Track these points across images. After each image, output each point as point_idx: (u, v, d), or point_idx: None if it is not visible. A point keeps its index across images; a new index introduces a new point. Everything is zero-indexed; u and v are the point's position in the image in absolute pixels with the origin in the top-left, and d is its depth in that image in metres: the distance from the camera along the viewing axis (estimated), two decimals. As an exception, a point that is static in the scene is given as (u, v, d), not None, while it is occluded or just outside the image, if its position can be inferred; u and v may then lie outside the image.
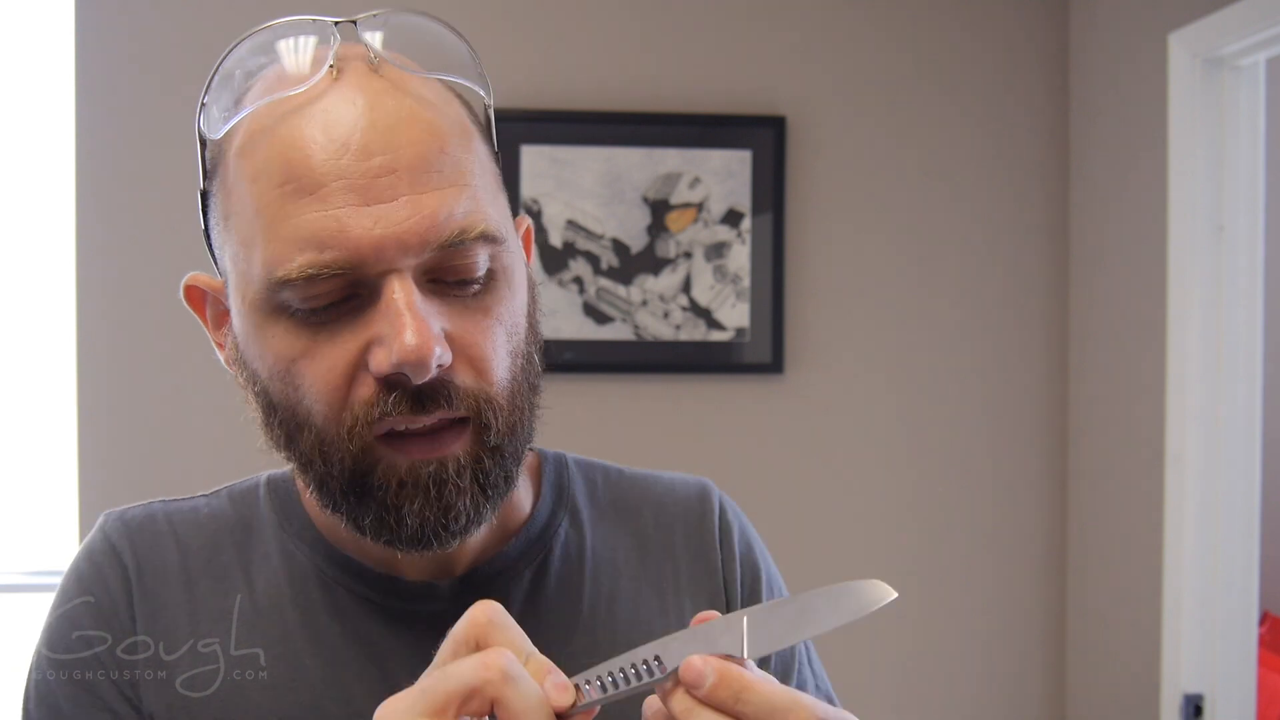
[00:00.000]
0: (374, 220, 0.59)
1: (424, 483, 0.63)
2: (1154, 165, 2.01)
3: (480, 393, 0.63)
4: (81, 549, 0.74)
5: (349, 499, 0.64)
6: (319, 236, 0.59)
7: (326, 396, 0.62)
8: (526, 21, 2.16)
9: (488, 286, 0.64)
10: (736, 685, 0.51)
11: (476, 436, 0.64)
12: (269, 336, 0.63)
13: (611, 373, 2.16)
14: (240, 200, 0.63)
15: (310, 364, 0.62)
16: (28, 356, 2.28)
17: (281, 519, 0.74)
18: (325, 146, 0.60)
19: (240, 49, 0.65)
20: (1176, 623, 1.93)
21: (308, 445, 0.64)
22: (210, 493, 0.77)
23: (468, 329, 0.63)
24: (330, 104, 0.62)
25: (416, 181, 0.60)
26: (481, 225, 0.62)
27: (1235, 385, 1.91)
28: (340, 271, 0.59)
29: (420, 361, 0.59)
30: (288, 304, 0.61)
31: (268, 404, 0.65)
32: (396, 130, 0.61)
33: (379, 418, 0.61)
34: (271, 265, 0.60)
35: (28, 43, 2.25)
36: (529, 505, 0.77)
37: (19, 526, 2.34)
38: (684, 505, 0.82)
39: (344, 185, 0.60)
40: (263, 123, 0.63)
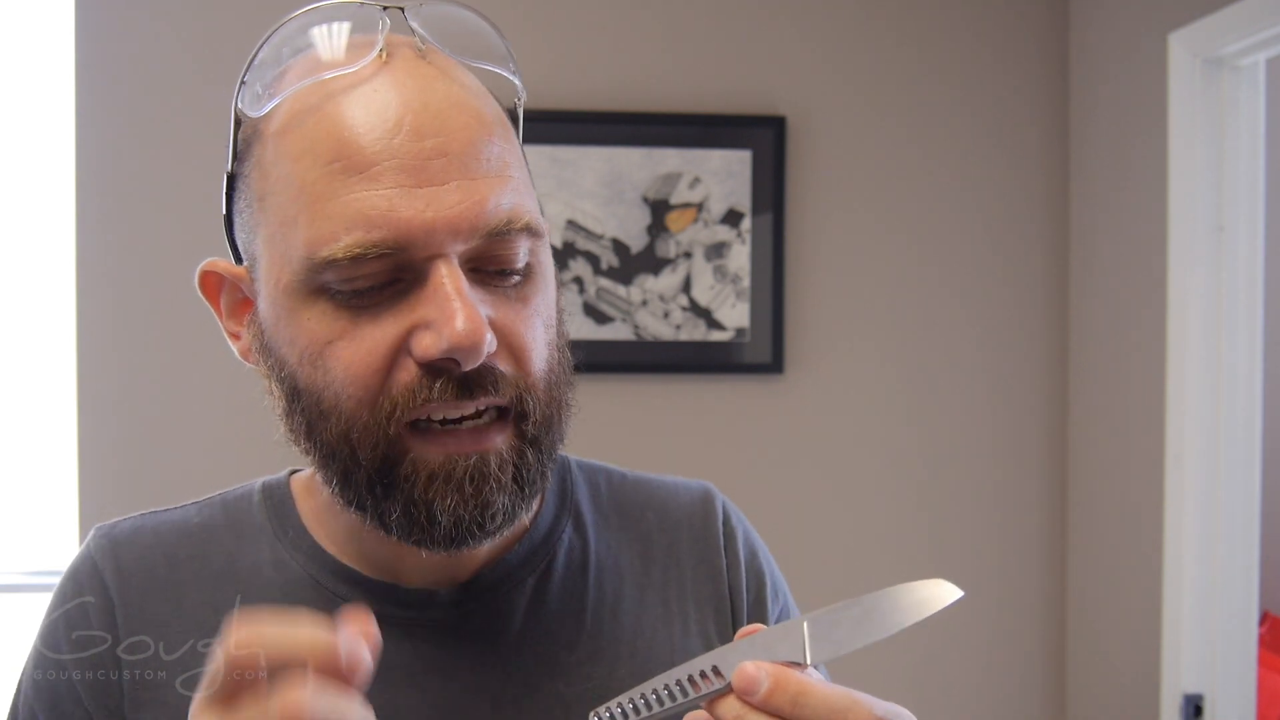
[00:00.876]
0: (425, 203, 0.58)
1: (459, 478, 0.61)
2: (1154, 165, 2.01)
3: (520, 381, 0.62)
4: (74, 559, 0.74)
5: (374, 492, 0.62)
6: (368, 215, 0.58)
7: (364, 380, 0.60)
8: (526, 22, 2.16)
9: (526, 279, 0.64)
10: (794, 689, 0.50)
11: (517, 428, 0.63)
12: (304, 319, 0.61)
13: (611, 373, 2.16)
14: (280, 179, 0.62)
15: (347, 347, 0.60)
16: (28, 356, 2.28)
17: (276, 527, 0.73)
18: (377, 126, 0.59)
19: (284, 29, 0.64)
20: (1176, 623, 1.93)
21: (333, 434, 0.62)
22: (203, 500, 0.76)
23: (509, 318, 0.62)
24: (380, 85, 0.61)
25: (467, 167, 0.60)
26: (526, 217, 0.62)
27: (1235, 385, 1.90)
28: (388, 252, 0.58)
29: (474, 347, 0.58)
30: (328, 285, 0.60)
31: (292, 391, 0.63)
32: (448, 115, 0.60)
33: (421, 404, 0.60)
34: (315, 245, 0.59)
35: (28, 43, 2.24)
36: (534, 509, 0.76)
37: (19, 526, 2.34)
38: (687, 510, 0.81)
39: (395, 165, 0.59)
40: (308, 102, 0.62)
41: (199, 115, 2.08)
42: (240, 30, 2.11)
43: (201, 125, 2.08)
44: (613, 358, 2.15)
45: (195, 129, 2.08)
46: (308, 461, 0.66)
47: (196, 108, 2.08)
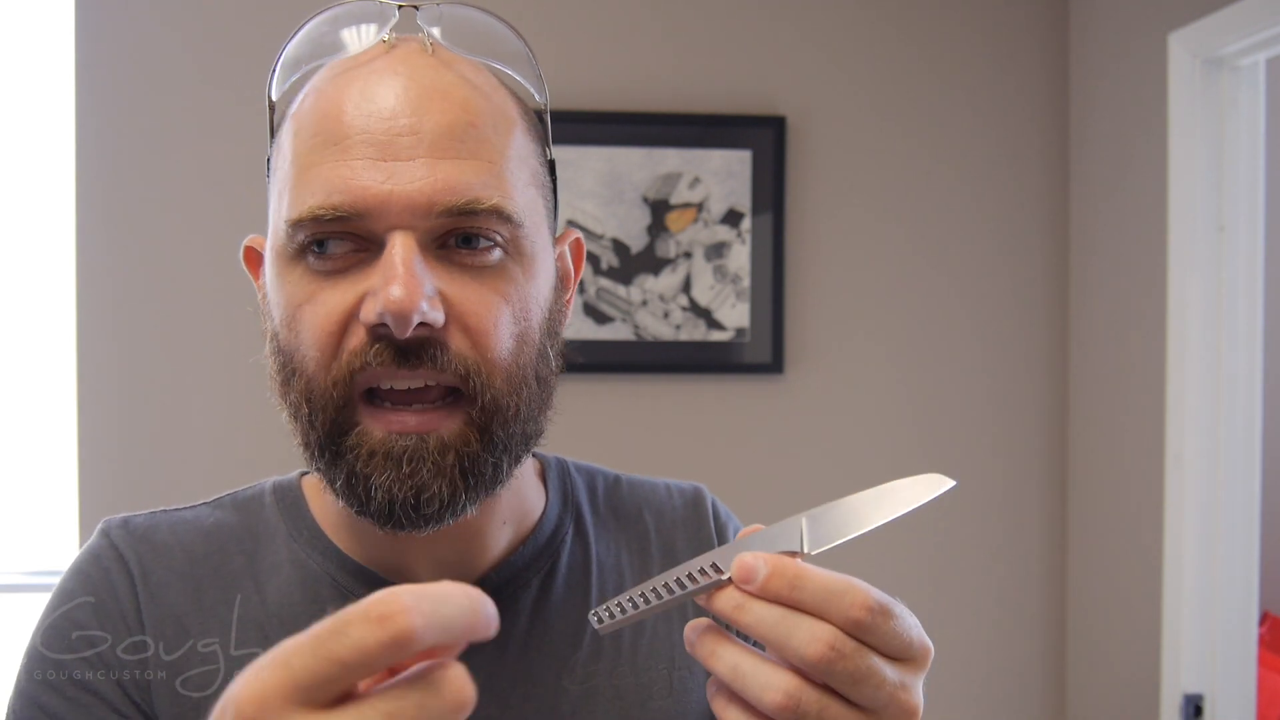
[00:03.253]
0: (386, 175, 0.61)
1: (397, 456, 0.62)
2: (1154, 165, 2.01)
3: (472, 360, 0.63)
4: (84, 552, 0.73)
5: (324, 457, 0.64)
6: (331, 182, 0.61)
7: (320, 341, 0.63)
8: (526, 22, 2.16)
9: (501, 265, 0.65)
10: (791, 574, 0.51)
11: (468, 415, 0.63)
12: (285, 282, 0.65)
13: (611, 373, 2.16)
14: (282, 155, 0.66)
15: (311, 309, 0.63)
16: (28, 357, 2.28)
17: (291, 527, 0.74)
18: (357, 104, 0.63)
19: (309, 25, 0.68)
20: (1176, 623, 1.93)
21: (298, 394, 0.64)
22: (213, 501, 0.77)
23: (469, 297, 0.63)
24: (375, 70, 0.65)
25: (437, 148, 0.62)
26: (494, 200, 0.63)
27: (1235, 385, 1.90)
28: (344, 216, 0.61)
29: (400, 312, 0.59)
30: (303, 251, 0.63)
31: (276, 350, 0.66)
32: (429, 99, 0.63)
33: (361, 368, 0.62)
34: (290, 209, 0.63)
35: (28, 43, 2.24)
36: (539, 510, 0.78)
37: (19, 526, 2.34)
38: (681, 510, 0.83)
39: (365, 139, 0.62)
40: (316, 85, 0.67)
41: (199, 115, 2.08)
42: (240, 30, 2.11)
43: (201, 125, 2.08)
44: (613, 358, 2.15)
45: (195, 128, 2.08)
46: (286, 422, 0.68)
47: (196, 107, 2.08)
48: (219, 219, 2.06)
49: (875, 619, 0.50)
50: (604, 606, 0.54)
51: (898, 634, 0.51)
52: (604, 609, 0.54)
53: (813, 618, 0.50)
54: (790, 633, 0.50)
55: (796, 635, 0.50)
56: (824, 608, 0.50)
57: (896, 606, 0.52)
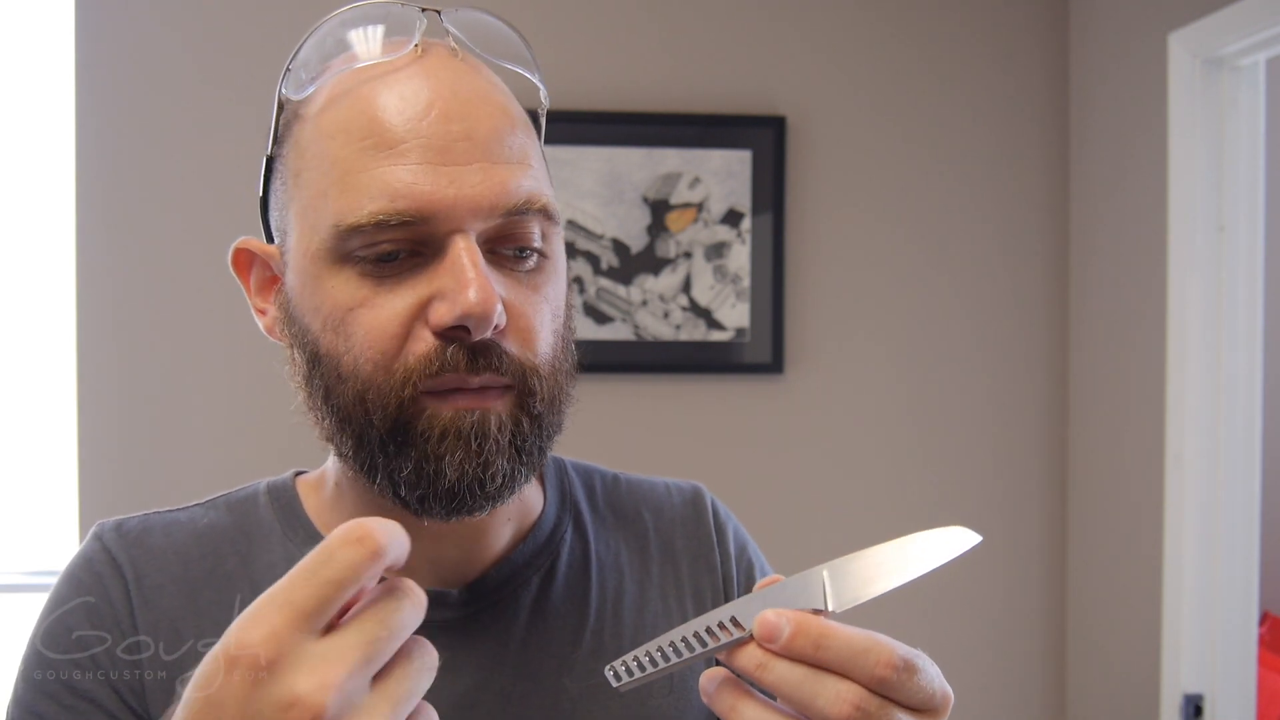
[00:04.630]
0: (449, 180, 0.62)
1: (466, 434, 0.63)
2: (1154, 165, 2.01)
3: (525, 362, 0.65)
4: (77, 557, 0.73)
5: (387, 450, 0.64)
6: (392, 186, 0.62)
7: (381, 345, 0.63)
8: (526, 23, 2.16)
9: (539, 265, 0.67)
10: (816, 633, 0.50)
11: (519, 401, 0.65)
12: (329, 286, 0.64)
13: (611, 373, 2.16)
14: (316, 156, 0.65)
15: (368, 313, 0.63)
16: (28, 356, 2.28)
17: (286, 527, 0.74)
18: (407, 109, 0.63)
19: (330, 23, 0.68)
20: (1176, 623, 1.93)
21: (349, 398, 0.64)
22: (205, 502, 0.77)
23: (519, 300, 0.65)
24: (414, 74, 0.65)
25: (490, 152, 0.63)
26: (543, 200, 0.65)
27: (1235, 385, 1.90)
28: (408, 220, 0.61)
29: (484, 315, 0.60)
30: (353, 254, 0.63)
31: (314, 357, 0.66)
32: (475, 104, 0.65)
33: (436, 372, 0.62)
34: (342, 213, 0.62)
35: (28, 43, 2.24)
36: (539, 508, 0.78)
37: (19, 526, 2.34)
38: (680, 510, 0.83)
39: (422, 144, 0.63)
40: (345, 87, 0.66)
41: (199, 115, 2.08)
42: (240, 30, 2.11)
43: (201, 125, 2.08)
44: (613, 358, 2.15)
45: (195, 129, 2.08)
46: (321, 429, 0.68)
47: (196, 107, 2.08)
48: (219, 219, 2.06)
49: (900, 676, 0.50)
50: (621, 662, 0.53)
51: (921, 688, 0.51)
52: (621, 665, 0.53)
53: (837, 676, 0.50)
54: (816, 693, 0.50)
55: (822, 695, 0.50)
56: (849, 667, 0.50)
57: (920, 660, 0.52)
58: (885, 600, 0.55)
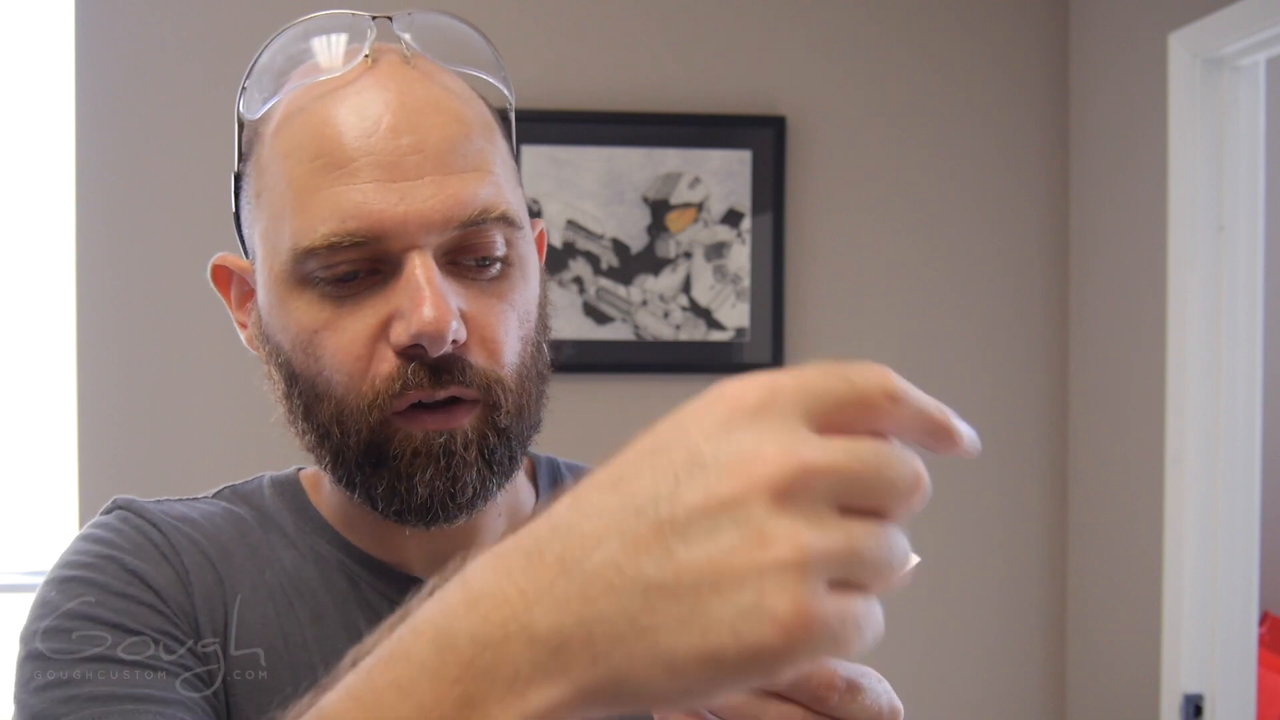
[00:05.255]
0: (399, 196, 0.62)
1: (435, 453, 0.64)
2: (1154, 165, 2.01)
3: (490, 373, 0.65)
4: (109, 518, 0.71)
5: (364, 469, 0.65)
6: (343, 208, 0.62)
7: (348, 368, 0.64)
8: (526, 22, 2.16)
9: (504, 272, 0.66)
10: None
11: (485, 414, 0.65)
12: (293, 308, 0.65)
13: (611, 373, 2.16)
14: (273, 176, 0.65)
15: (332, 336, 0.64)
16: (28, 356, 2.28)
17: (296, 518, 0.74)
18: (357, 125, 0.63)
19: (281, 38, 0.68)
20: (1176, 623, 1.93)
21: (326, 416, 0.65)
22: (213, 494, 0.77)
23: (482, 311, 0.65)
24: (363, 87, 0.65)
25: (442, 163, 0.63)
26: (502, 207, 0.65)
27: (1235, 385, 1.90)
28: (362, 241, 0.61)
29: (437, 334, 0.61)
30: (313, 275, 0.63)
31: (289, 375, 0.66)
32: (425, 114, 0.64)
33: (400, 391, 0.63)
34: (298, 236, 0.63)
35: (28, 43, 2.24)
36: (530, 506, 0.78)
37: (19, 526, 2.34)
38: None
39: (372, 161, 0.62)
40: (299, 104, 0.66)
41: (199, 115, 2.08)
42: (239, 31, 2.11)
43: (201, 125, 2.08)
44: (613, 358, 2.15)
45: (195, 129, 2.08)
46: (302, 442, 0.69)
47: (196, 107, 2.08)
48: (219, 219, 2.05)
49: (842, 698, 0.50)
50: None
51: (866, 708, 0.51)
52: None
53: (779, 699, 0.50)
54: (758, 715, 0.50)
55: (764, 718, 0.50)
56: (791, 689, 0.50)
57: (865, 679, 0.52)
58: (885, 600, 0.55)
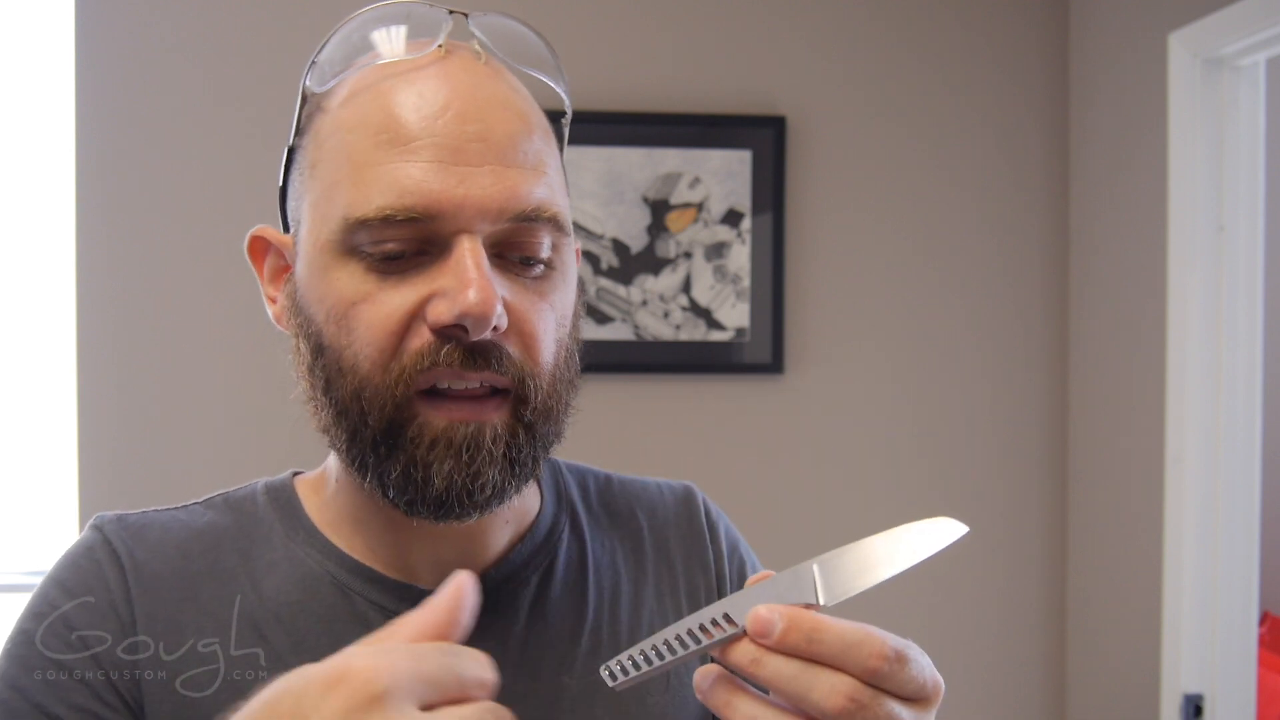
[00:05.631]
0: (459, 180, 0.62)
1: (458, 445, 0.63)
2: (1154, 165, 2.01)
3: (525, 365, 0.65)
4: (76, 545, 0.72)
5: (378, 451, 0.65)
6: (402, 183, 0.62)
7: (380, 341, 0.63)
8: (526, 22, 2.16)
9: (546, 273, 0.67)
10: (808, 627, 0.51)
11: (515, 410, 0.65)
12: (335, 278, 0.65)
13: (611, 373, 2.16)
14: (333, 148, 0.66)
15: (370, 308, 0.63)
16: (28, 356, 2.28)
17: (287, 527, 0.74)
18: (424, 107, 0.64)
19: (357, 20, 0.68)
20: (1176, 623, 1.93)
21: (347, 392, 0.65)
22: (204, 501, 0.77)
23: (523, 304, 0.65)
24: (435, 74, 0.66)
25: (503, 156, 0.64)
26: (554, 209, 0.65)
27: (1235, 385, 1.90)
28: (416, 217, 0.62)
29: (482, 316, 0.61)
30: (360, 247, 0.63)
31: (317, 348, 0.66)
32: (492, 107, 0.65)
33: (428, 367, 0.63)
34: (352, 206, 0.63)
35: (28, 43, 2.24)
36: (535, 508, 0.78)
37: (19, 526, 2.34)
38: (674, 509, 0.84)
39: (435, 143, 0.63)
40: (367, 82, 0.67)
41: (199, 115, 2.08)
42: (240, 31, 2.11)
43: (202, 125, 2.08)
44: (613, 358, 2.15)
45: (195, 129, 2.08)
46: (319, 419, 0.68)
47: (196, 107, 2.08)
48: (219, 219, 2.06)
49: (892, 667, 0.51)
50: (616, 662, 0.54)
51: (913, 678, 0.52)
52: (616, 665, 0.53)
53: (830, 669, 0.51)
54: (810, 686, 0.50)
55: (816, 689, 0.50)
56: (842, 659, 0.51)
57: (911, 650, 0.52)
58: (885, 600, 0.55)
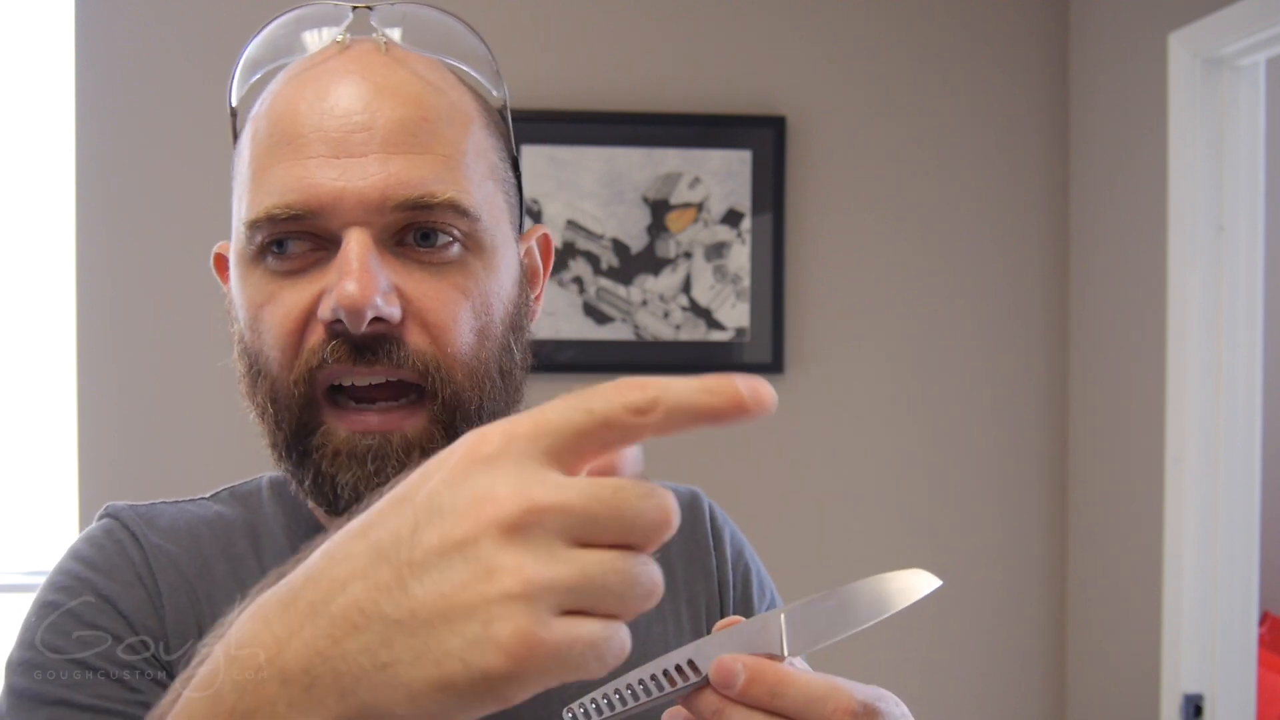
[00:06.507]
0: (339, 172, 0.61)
1: (360, 455, 0.63)
2: (1154, 165, 2.01)
3: (431, 357, 0.63)
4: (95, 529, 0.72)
5: (291, 458, 0.65)
6: (285, 182, 0.62)
7: (281, 342, 0.63)
8: (526, 22, 2.16)
9: (459, 260, 0.65)
10: (771, 680, 0.49)
11: (431, 414, 0.64)
12: (246, 285, 0.65)
13: (611, 373, 2.15)
14: (241, 158, 0.67)
15: (272, 309, 0.64)
16: (28, 356, 2.28)
17: (290, 519, 0.74)
18: (313, 105, 0.64)
19: (267, 29, 0.68)
20: (1176, 623, 1.93)
21: (264, 395, 0.65)
22: (211, 495, 0.77)
23: (426, 292, 0.63)
24: (329, 70, 0.65)
25: (390, 143, 0.62)
26: (450, 193, 0.63)
27: (1235, 385, 1.90)
28: (299, 214, 0.61)
29: (354, 307, 0.60)
30: (262, 252, 0.64)
31: (243, 353, 0.67)
32: (382, 96, 0.64)
33: (319, 365, 0.62)
34: (248, 210, 0.64)
35: (28, 43, 2.24)
36: None
37: (19, 526, 2.34)
38: None
39: (319, 138, 0.62)
40: (272, 89, 0.68)
41: (199, 114, 2.08)
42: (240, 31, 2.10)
43: (201, 124, 2.08)
44: (613, 358, 2.15)
45: (195, 128, 2.08)
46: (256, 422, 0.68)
47: (196, 107, 2.08)
48: (219, 219, 2.06)
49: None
50: (579, 704, 0.52)
51: None
52: (579, 707, 0.52)
53: None
54: None
55: None
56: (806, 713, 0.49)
57: (883, 701, 0.51)
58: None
